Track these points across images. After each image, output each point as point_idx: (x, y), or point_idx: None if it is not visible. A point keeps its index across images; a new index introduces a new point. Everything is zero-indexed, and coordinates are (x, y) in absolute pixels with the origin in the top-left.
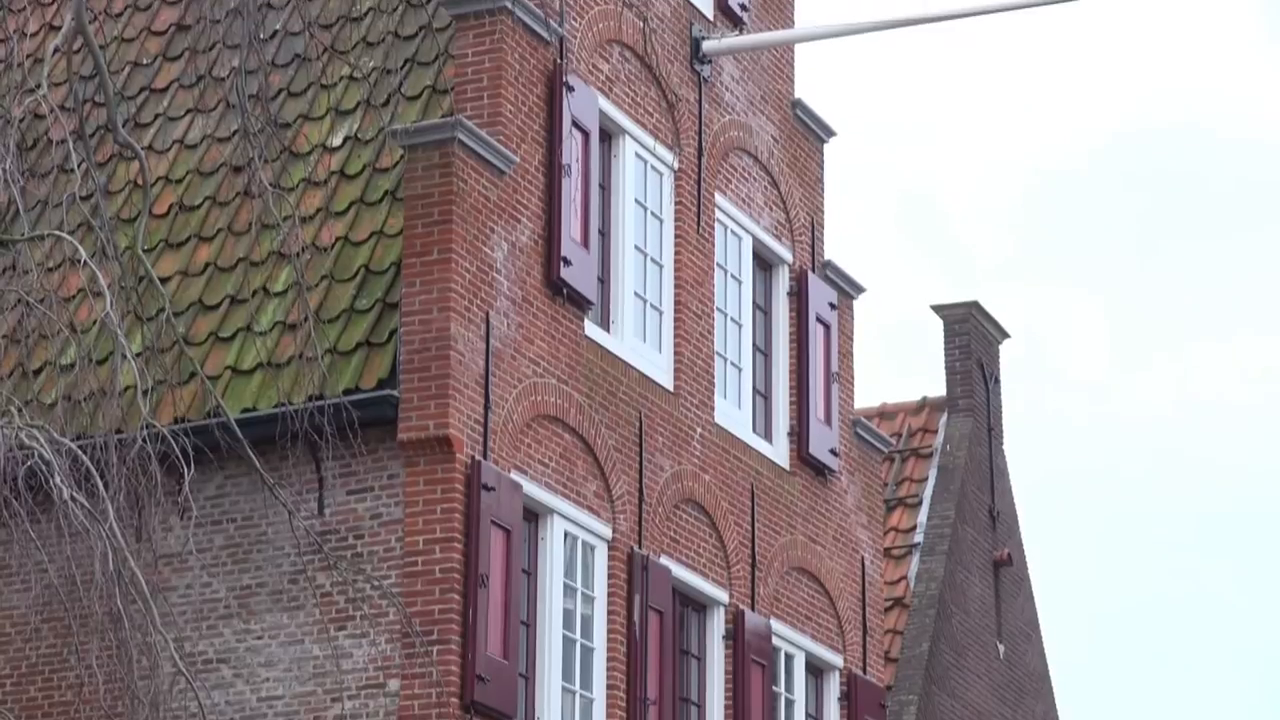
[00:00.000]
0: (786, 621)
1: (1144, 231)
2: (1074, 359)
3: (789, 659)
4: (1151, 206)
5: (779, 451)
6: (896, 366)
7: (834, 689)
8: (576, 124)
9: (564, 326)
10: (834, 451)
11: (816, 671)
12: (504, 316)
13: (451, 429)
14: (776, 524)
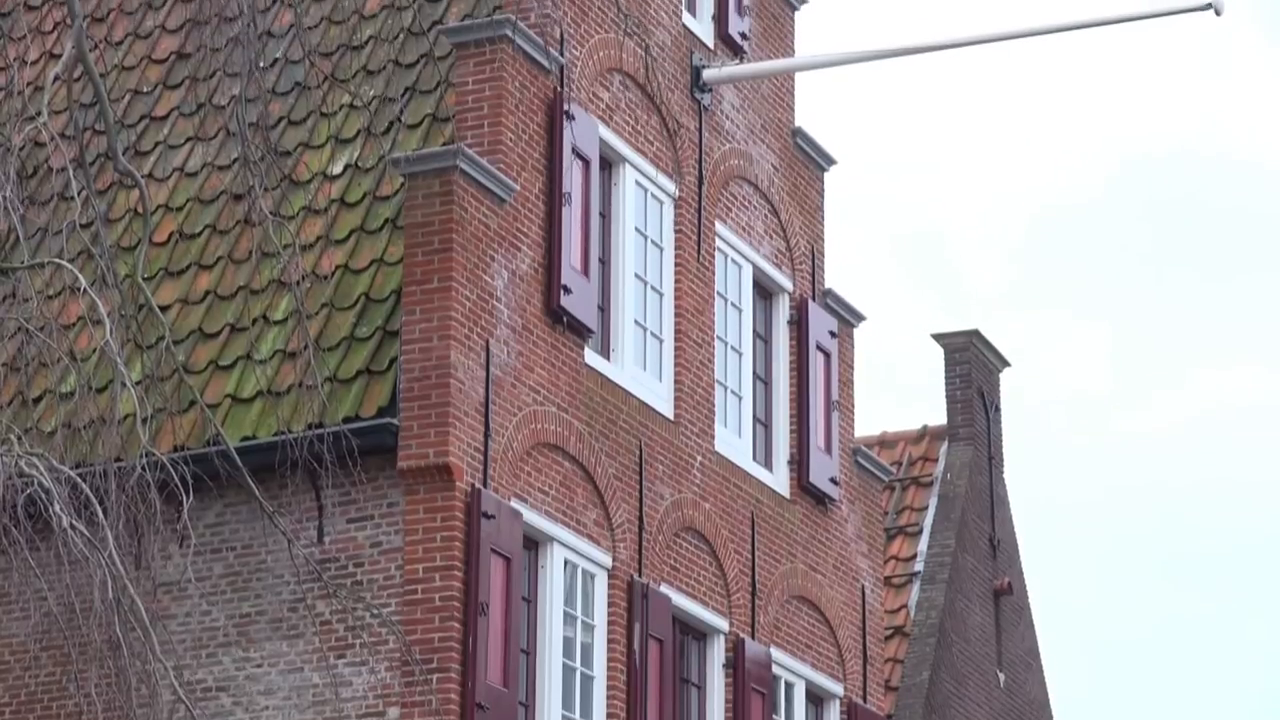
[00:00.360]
0: (787, 650)
1: (1145, 261)
2: (1075, 388)
3: (789, 687)
4: (1152, 236)
5: (779, 480)
6: (897, 395)
7: (834, 717)
8: (577, 152)
9: (564, 355)
10: (834, 480)
11: (817, 700)
12: (504, 345)
13: (451, 457)
14: (777, 552)
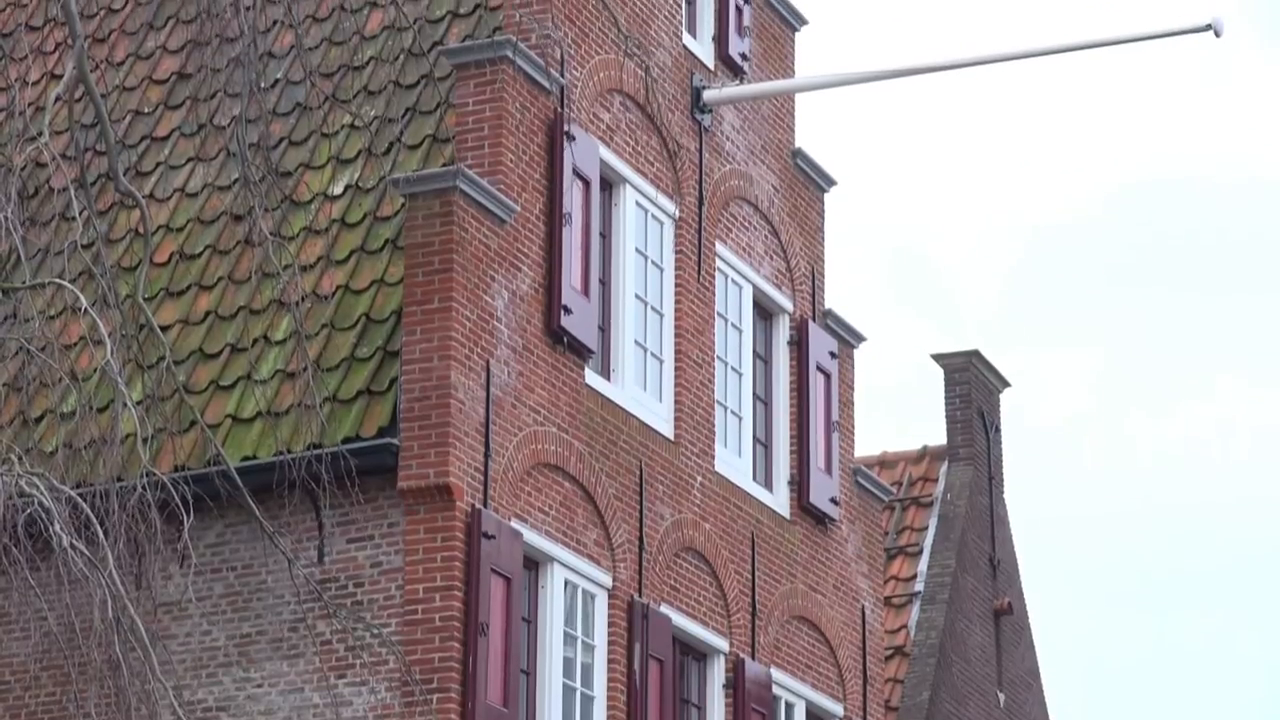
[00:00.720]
0: (787, 670)
1: (1140, 283)
2: (1073, 408)
3: (789, 708)
4: (1149, 258)
5: (779, 500)
6: (897, 416)
7: None
8: (577, 173)
9: (564, 375)
10: (834, 500)
11: None
12: (504, 365)
13: (452, 477)
14: (777, 572)
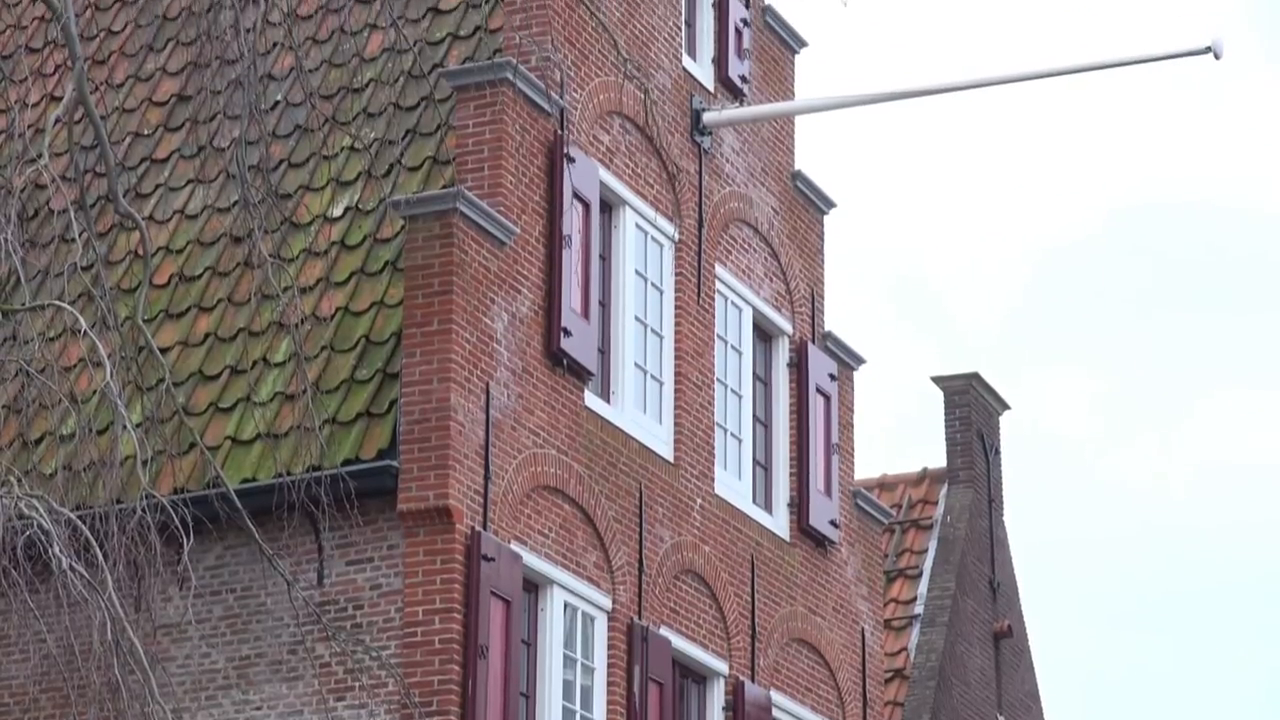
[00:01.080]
0: (786, 693)
1: (1142, 305)
2: (1073, 431)
3: None
4: (1150, 280)
5: (779, 523)
6: (896, 438)
7: None
8: (577, 195)
9: (564, 397)
10: (834, 523)
11: None
12: (504, 387)
13: (451, 499)
14: (776, 595)
